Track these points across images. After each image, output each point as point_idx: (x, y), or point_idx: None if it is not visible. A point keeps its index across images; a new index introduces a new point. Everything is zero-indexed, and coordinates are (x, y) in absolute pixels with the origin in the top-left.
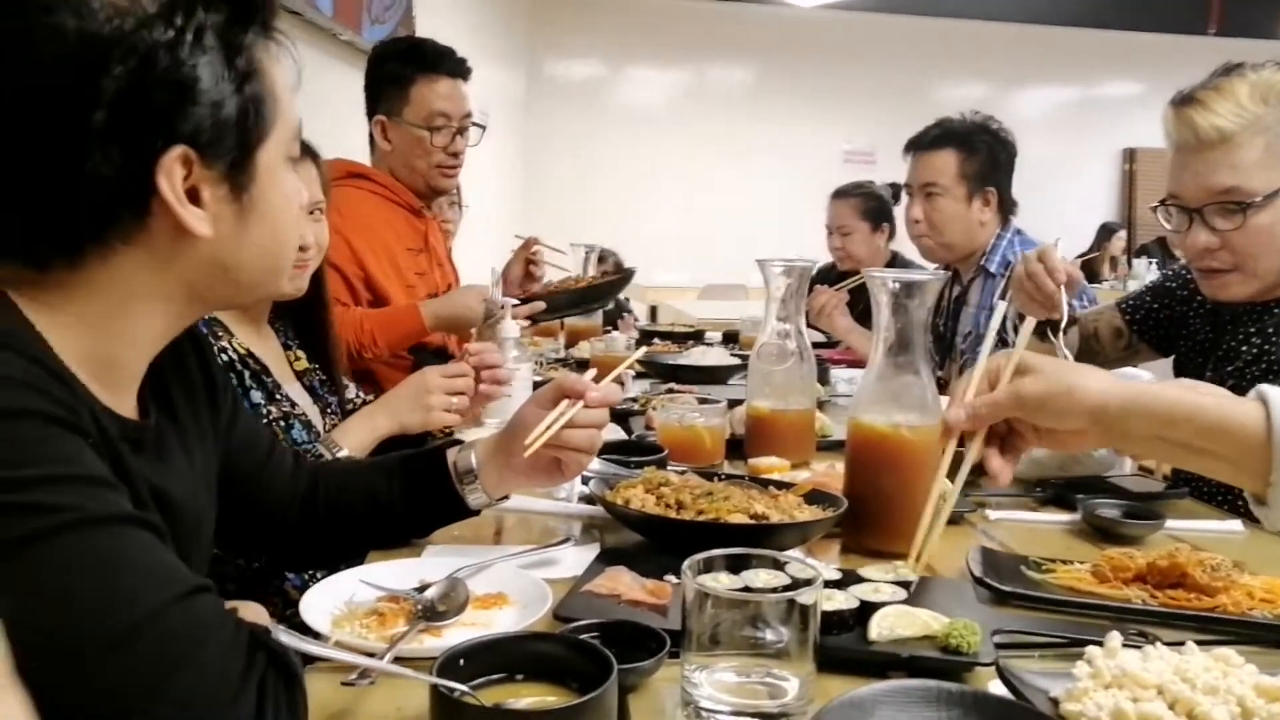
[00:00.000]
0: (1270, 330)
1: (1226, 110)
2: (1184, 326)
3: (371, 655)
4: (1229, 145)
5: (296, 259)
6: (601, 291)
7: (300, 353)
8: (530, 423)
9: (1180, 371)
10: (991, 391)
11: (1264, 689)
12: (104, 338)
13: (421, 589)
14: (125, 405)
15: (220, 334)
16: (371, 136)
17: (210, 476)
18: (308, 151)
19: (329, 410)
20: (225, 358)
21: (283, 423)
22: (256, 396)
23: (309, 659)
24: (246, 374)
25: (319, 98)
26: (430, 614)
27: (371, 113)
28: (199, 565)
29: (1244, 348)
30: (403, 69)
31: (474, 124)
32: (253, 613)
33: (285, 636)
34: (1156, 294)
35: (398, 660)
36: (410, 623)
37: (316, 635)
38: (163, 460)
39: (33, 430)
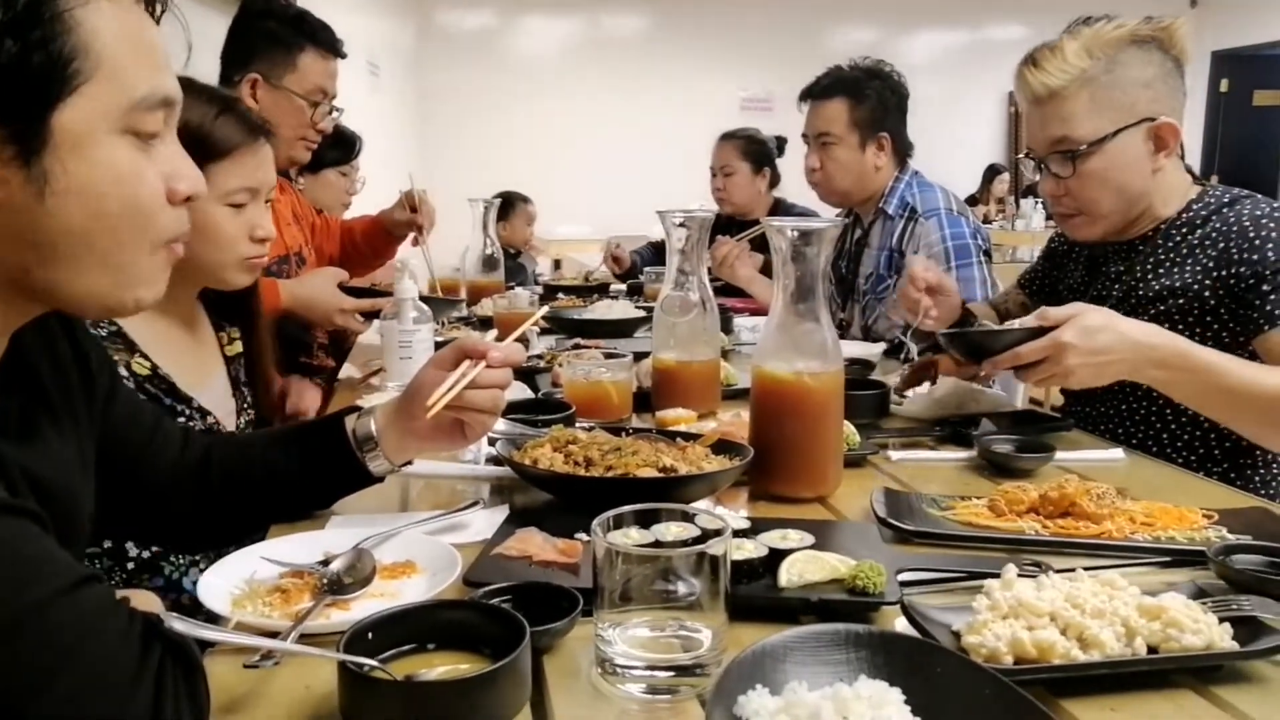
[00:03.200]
0: (1137, 269)
1: (1054, 68)
2: (1065, 277)
3: (275, 635)
4: (1057, 99)
5: (256, 254)
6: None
7: (234, 333)
8: (430, 385)
9: None
10: None
11: (1146, 609)
12: None
13: (326, 562)
14: None
15: (120, 353)
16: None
17: (87, 458)
18: (258, 130)
19: (244, 406)
20: (129, 383)
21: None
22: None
23: (208, 644)
24: (155, 393)
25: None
26: (336, 587)
27: (238, 67)
28: (78, 552)
29: (1115, 287)
30: (291, 35)
31: (334, 106)
32: (144, 600)
33: (179, 623)
34: (1044, 259)
35: (304, 638)
36: (315, 598)
37: (216, 618)
38: (30, 442)
39: None
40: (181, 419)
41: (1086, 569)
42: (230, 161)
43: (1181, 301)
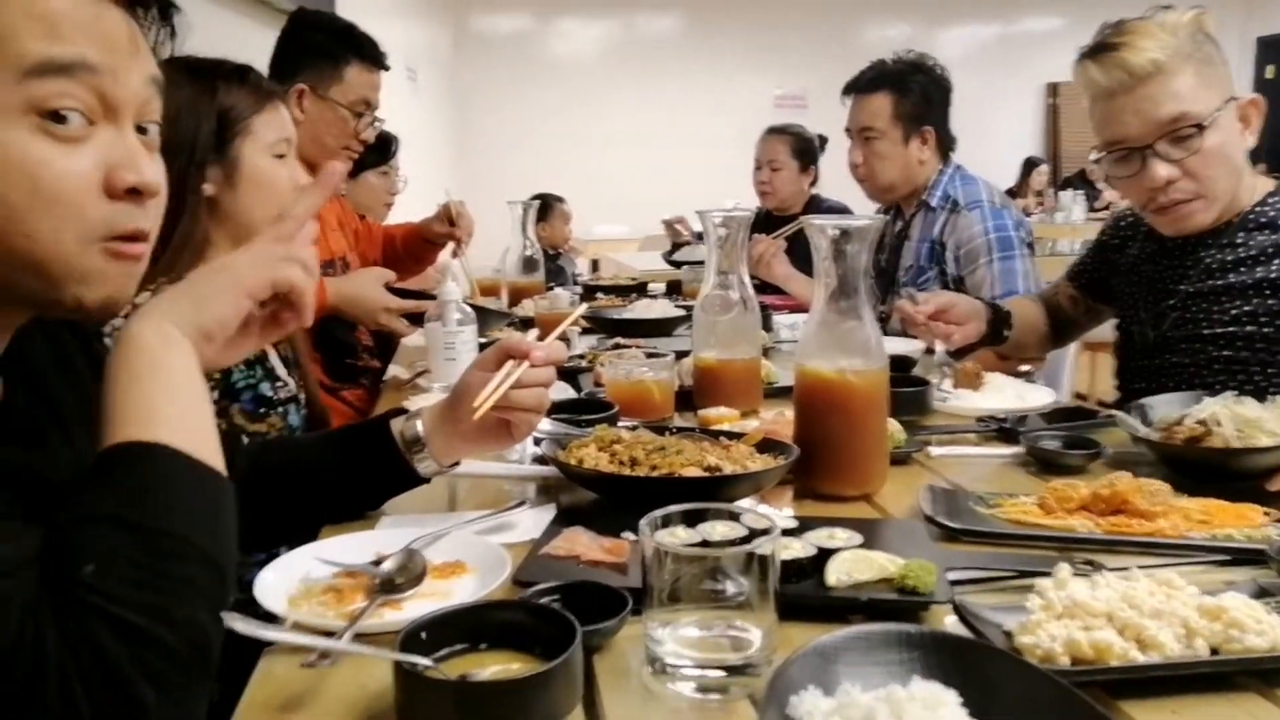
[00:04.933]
0: (1210, 264)
1: (1152, 44)
2: (1119, 274)
3: (331, 634)
4: (1165, 75)
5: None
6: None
7: None
8: (475, 387)
9: (1123, 315)
10: None
11: (1206, 609)
12: None
13: (378, 562)
14: None
15: None
16: None
17: None
18: (268, 93)
19: (300, 385)
20: None
21: (281, 409)
22: (265, 388)
23: (266, 642)
24: (250, 360)
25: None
26: (388, 587)
27: (286, 78)
28: None
29: (1181, 285)
30: (337, 47)
31: (377, 117)
32: None
33: (240, 623)
34: (1094, 253)
35: (358, 637)
36: (369, 597)
37: (272, 616)
38: (27, 441)
39: None
40: (280, 382)
41: (1141, 568)
42: (267, 114)
43: (1270, 301)
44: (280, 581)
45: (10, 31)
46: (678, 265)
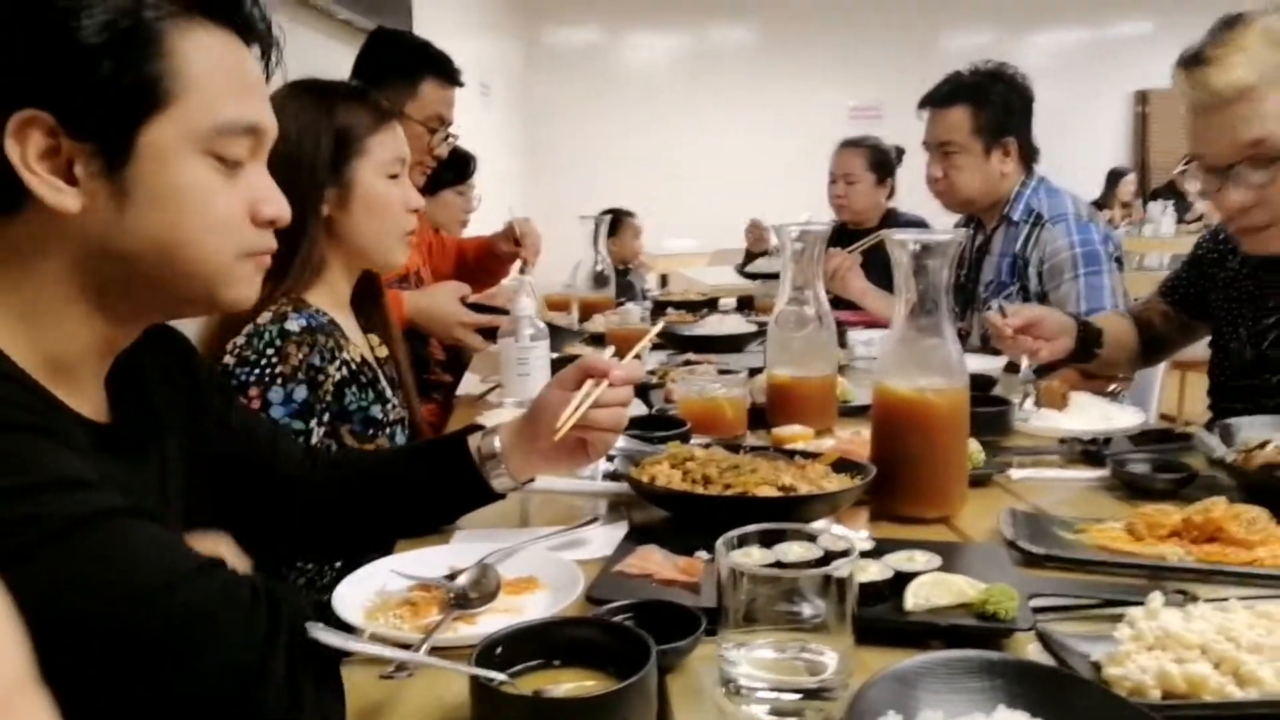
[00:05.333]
0: None
1: (1241, 62)
2: (1216, 289)
3: (407, 646)
4: (1251, 98)
5: (412, 227)
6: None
7: (375, 338)
8: (553, 405)
9: (1218, 331)
10: None
11: None
12: (39, 334)
13: (452, 576)
14: (86, 406)
15: (335, 339)
16: None
17: (181, 480)
18: (385, 113)
19: (404, 406)
20: (345, 371)
21: (389, 430)
22: (375, 410)
23: (345, 654)
24: (362, 381)
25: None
26: (463, 601)
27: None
28: None
29: None
30: (413, 64)
31: (450, 133)
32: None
33: (322, 633)
34: (1190, 267)
35: (434, 650)
36: (443, 611)
37: (350, 627)
38: (132, 462)
39: (6, 441)
40: (390, 404)
41: (1239, 599)
42: (383, 134)
43: None
44: (357, 594)
45: (209, 91)
46: (751, 277)
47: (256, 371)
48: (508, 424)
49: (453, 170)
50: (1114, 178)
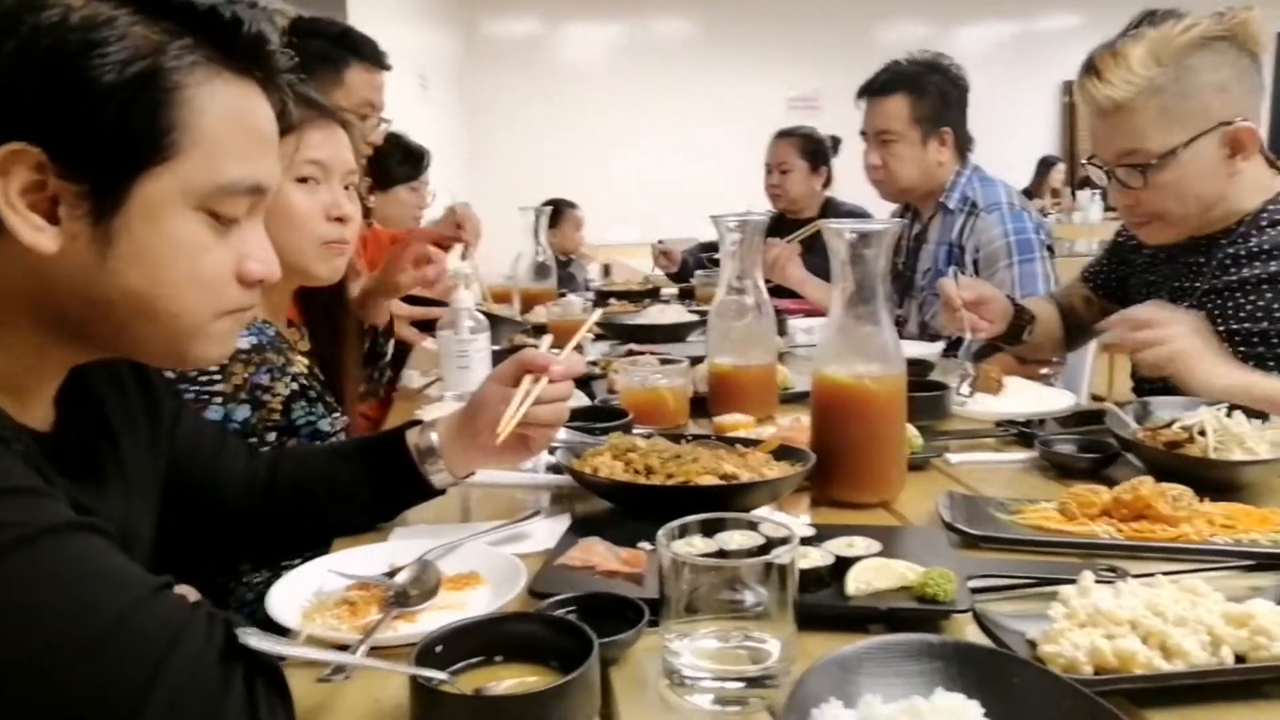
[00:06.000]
0: (1224, 258)
1: (1119, 79)
2: (1136, 274)
3: (345, 647)
4: (1124, 112)
5: (335, 236)
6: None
7: (315, 361)
8: (492, 402)
9: None
10: None
11: (1232, 615)
12: None
13: (391, 574)
14: (35, 418)
15: (283, 353)
16: None
17: (149, 487)
18: (324, 110)
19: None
20: (295, 385)
21: (334, 440)
22: (324, 424)
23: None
24: (310, 395)
25: None
26: (402, 599)
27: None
28: None
29: (1199, 280)
30: (337, 51)
31: (382, 119)
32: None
33: (254, 638)
34: (1110, 253)
35: (373, 650)
36: (383, 610)
37: (285, 630)
38: (90, 480)
39: None
40: (335, 415)
41: (1166, 574)
42: (293, 136)
43: (1269, 294)
44: (293, 595)
45: (218, 147)
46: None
47: (195, 389)
48: (445, 419)
49: (407, 165)
50: (1044, 166)
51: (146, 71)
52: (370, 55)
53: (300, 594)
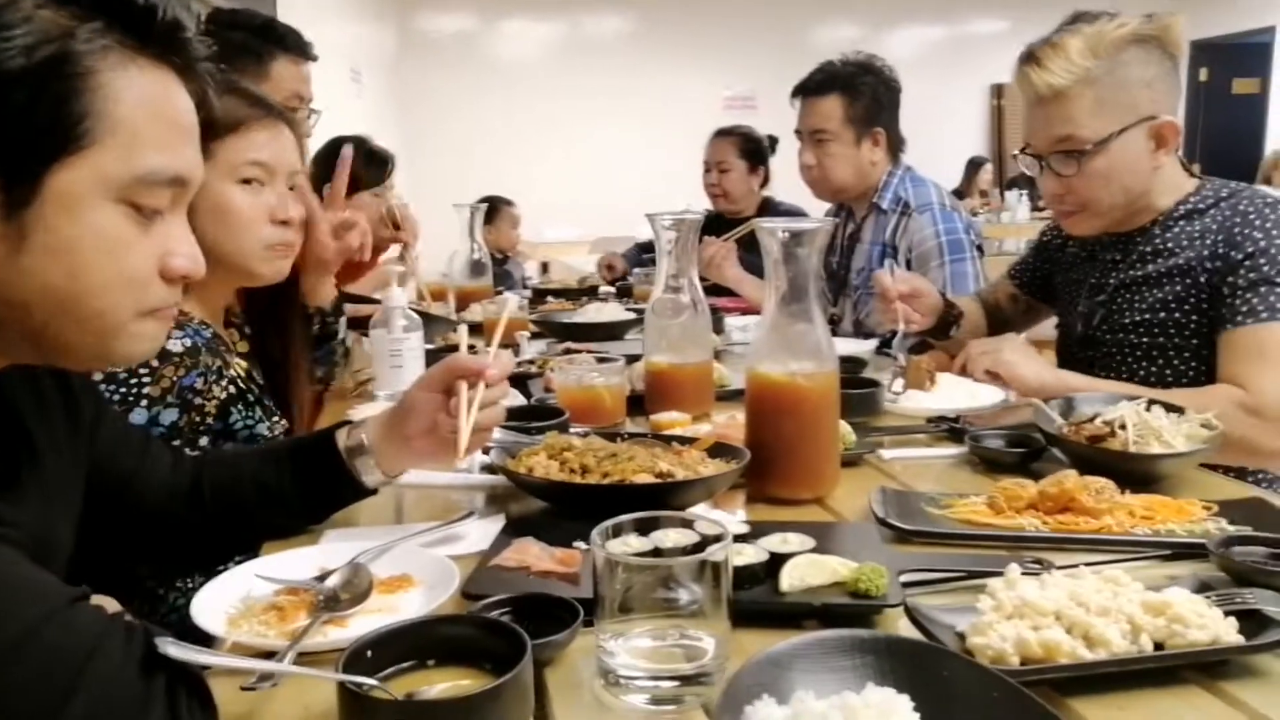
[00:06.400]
0: (1134, 256)
1: (1058, 67)
2: (1060, 272)
3: (272, 654)
4: (1061, 99)
5: (279, 240)
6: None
7: (242, 350)
8: (422, 408)
9: (1062, 311)
10: None
11: (1150, 605)
12: None
13: (322, 578)
14: None
15: (221, 354)
16: None
17: (70, 494)
18: (270, 108)
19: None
20: (233, 389)
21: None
22: (262, 428)
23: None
24: (249, 399)
25: None
26: (333, 604)
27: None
28: None
29: (1113, 275)
30: (259, 43)
31: (312, 109)
32: (111, 607)
33: (173, 648)
34: (1036, 253)
35: (302, 656)
36: (312, 615)
37: (210, 638)
38: (7, 489)
39: None
40: (275, 419)
41: (1088, 564)
42: (237, 136)
43: (1179, 288)
44: (218, 601)
45: (135, 136)
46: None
47: (122, 390)
48: (375, 418)
49: (371, 170)
50: (973, 167)
51: (56, 56)
52: (295, 46)
53: (226, 600)
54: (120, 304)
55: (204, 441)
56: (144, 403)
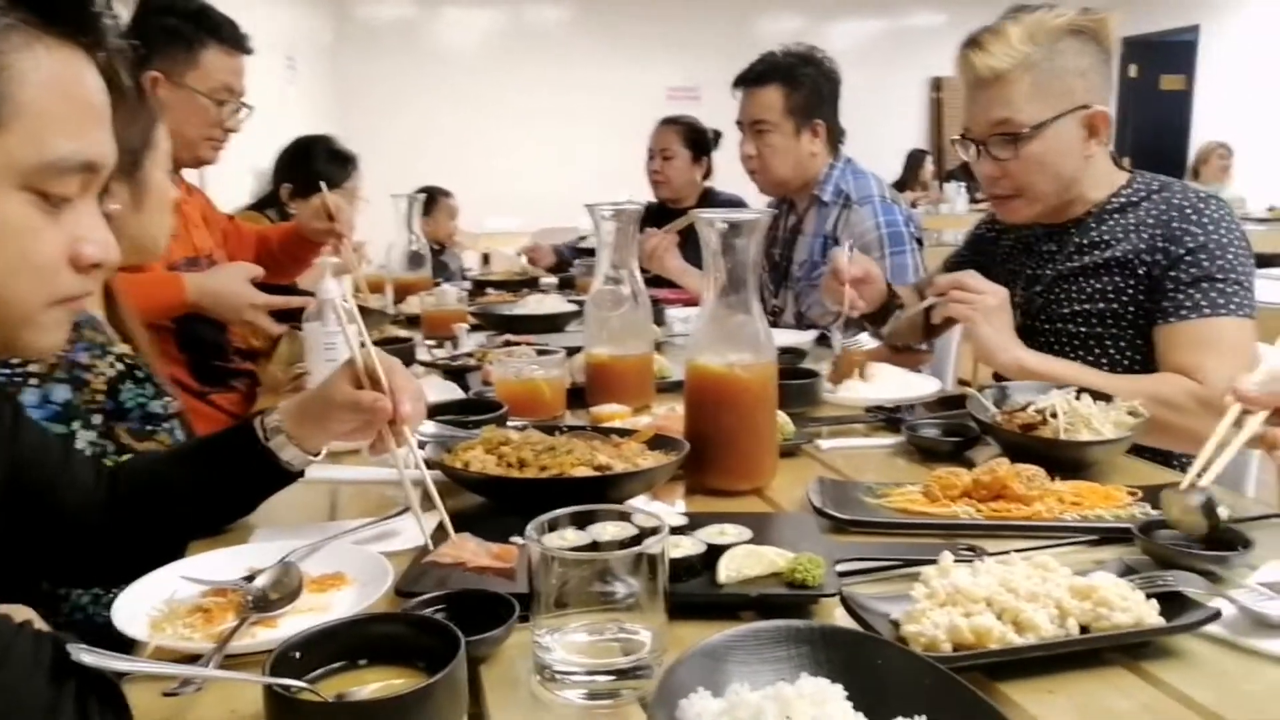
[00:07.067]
0: (1070, 247)
1: (999, 50)
2: (995, 264)
3: (198, 658)
4: (1001, 82)
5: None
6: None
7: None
8: (339, 401)
9: None
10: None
11: (1077, 589)
12: None
13: (250, 578)
14: None
15: (103, 339)
16: None
17: None
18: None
19: None
20: (121, 365)
21: (168, 425)
22: (155, 405)
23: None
24: (138, 376)
25: None
26: (262, 604)
27: (138, 65)
28: None
29: (1048, 267)
30: (192, 30)
31: (244, 104)
32: (21, 615)
33: (87, 655)
34: (970, 245)
35: (229, 659)
36: (240, 616)
37: (132, 643)
38: None
39: None
40: (168, 398)
41: (1019, 550)
42: (162, 125)
43: (1117, 279)
44: (140, 604)
45: (43, 120)
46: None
47: (6, 373)
48: (291, 400)
49: (333, 168)
50: (914, 160)
51: None
52: (230, 38)
53: (148, 603)
54: (29, 293)
55: (96, 420)
56: (33, 381)
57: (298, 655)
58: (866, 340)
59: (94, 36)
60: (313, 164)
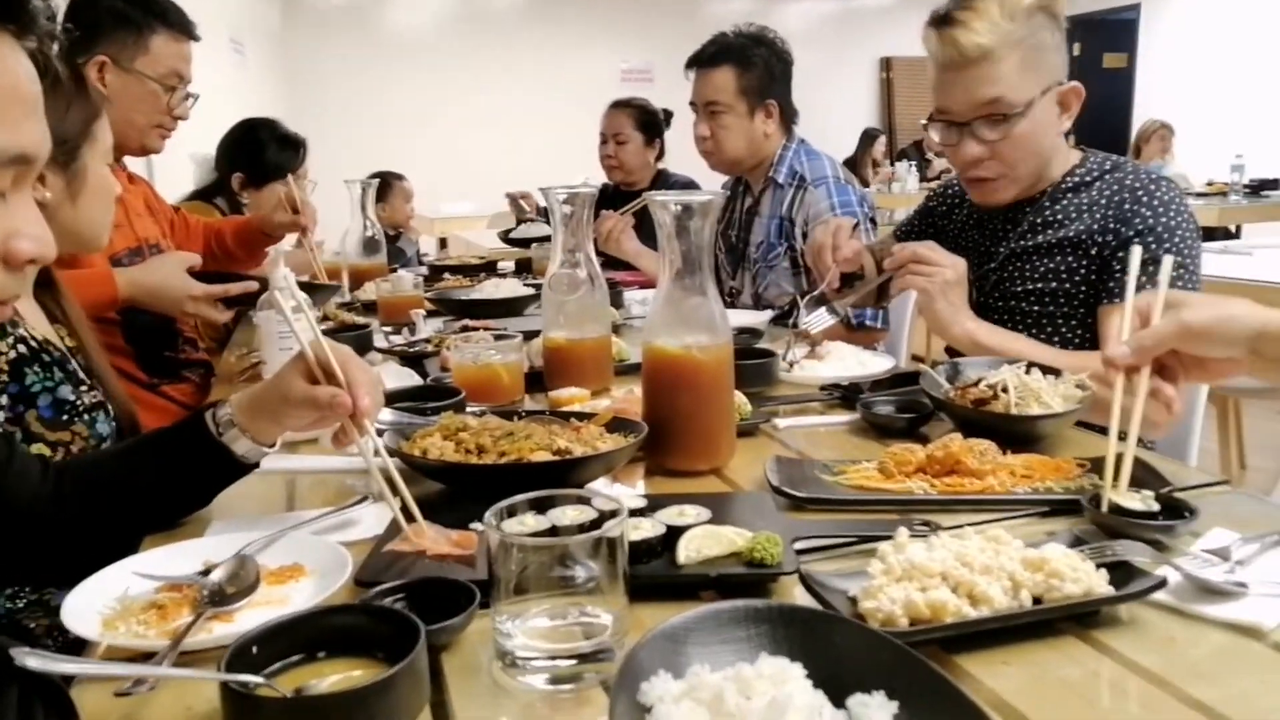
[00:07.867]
0: (1024, 226)
1: (984, 27)
2: (947, 240)
3: (151, 656)
4: (990, 59)
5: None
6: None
7: (63, 329)
8: (295, 398)
9: None
10: (1144, 328)
11: (1030, 561)
12: None
13: (206, 572)
14: None
15: (16, 321)
16: None
17: None
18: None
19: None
20: (23, 348)
21: (87, 416)
22: (65, 391)
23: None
24: (45, 360)
25: None
26: (218, 598)
27: (83, 48)
28: None
29: (1003, 245)
30: (140, 15)
31: (190, 93)
32: None
33: (32, 659)
34: (922, 216)
35: (185, 655)
36: (195, 611)
37: (83, 642)
38: None
39: None
40: (83, 386)
41: (973, 524)
42: (104, 118)
43: (1070, 259)
44: (91, 602)
45: None
46: (517, 244)
47: None
48: (243, 392)
49: (284, 156)
50: (867, 139)
51: None
52: (177, 23)
53: (100, 600)
54: None
55: (3, 401)
56: None
57: (254, 650)
58: (825, 317)
59: (23, 22)
60: (263, 152)
